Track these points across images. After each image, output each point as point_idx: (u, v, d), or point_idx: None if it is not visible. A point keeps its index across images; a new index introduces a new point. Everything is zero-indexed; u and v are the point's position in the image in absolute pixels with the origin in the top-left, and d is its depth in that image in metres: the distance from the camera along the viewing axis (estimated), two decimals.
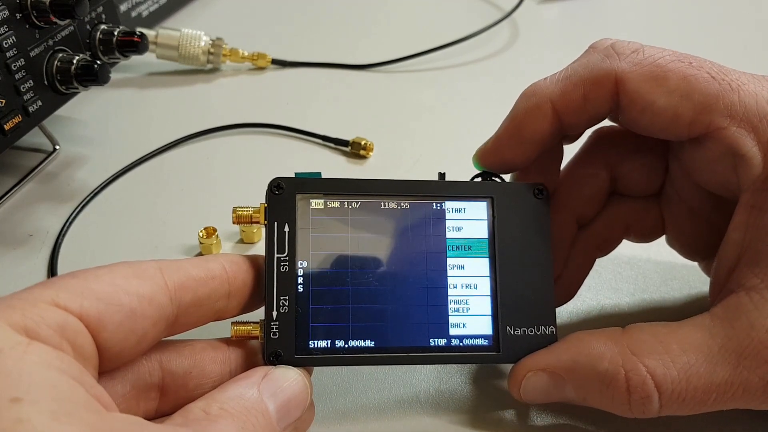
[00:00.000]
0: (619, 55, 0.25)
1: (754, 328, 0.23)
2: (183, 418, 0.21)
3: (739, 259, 0.24)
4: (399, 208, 0.27)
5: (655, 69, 0.25)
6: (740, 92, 0.24)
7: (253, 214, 0.26)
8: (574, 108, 0.26)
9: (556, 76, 0.27)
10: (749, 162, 0.24)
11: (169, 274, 0.23)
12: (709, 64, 0.25)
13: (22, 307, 0.19)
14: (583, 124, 0.27)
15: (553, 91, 0.26)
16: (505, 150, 0.28)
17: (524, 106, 0.27)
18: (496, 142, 0.28)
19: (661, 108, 0.24)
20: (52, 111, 0.39)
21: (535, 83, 0.27)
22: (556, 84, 0.26)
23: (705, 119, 0.24)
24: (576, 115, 0.26)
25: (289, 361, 0.25)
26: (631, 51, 0.25)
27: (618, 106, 0.26)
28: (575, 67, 0.26)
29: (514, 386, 0.26)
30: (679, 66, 0.24)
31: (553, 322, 0.27)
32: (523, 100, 0.27)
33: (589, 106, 0.26)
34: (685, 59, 0.25)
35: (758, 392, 0.23)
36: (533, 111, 0.27)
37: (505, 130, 0.28)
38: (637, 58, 0.25)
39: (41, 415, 0.16)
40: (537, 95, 0.27)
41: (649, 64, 0.25)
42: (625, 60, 0.25)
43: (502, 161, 0.28)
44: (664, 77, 0.24)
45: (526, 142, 0.27)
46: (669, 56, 0.25)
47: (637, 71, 0.25)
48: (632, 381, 0.23)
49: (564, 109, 0.26)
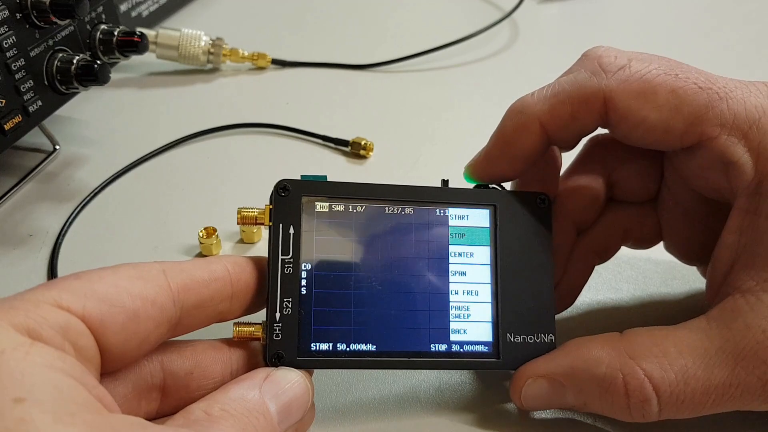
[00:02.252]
0: (606, 72, 0.25)
1: (750, 329, 0.23)
2: (184, 419, 0.21)
3: (734, 262, 0.24)
4: (403, 213, 0.27)
5: (643, 85, 0.25)
6: (728, 100, 0.24)
7: (258, 216, 0.26)
8: (562, 125, 0.26)
9: (544, 92, 0.27)
10: (741, 168, 0.24)
11: (172, 275, 0.23)
12: (695, 74, 0.25)
13: (25, 308, 0.19)
14: (572, 139, 0.28)
15: (540, 109, 0.26)
16: (495, 164, 0.28)
17: (512, 124, 0.27)
18: (486, 156, 0.28)
19: (652, 123, 0.25)
20: (52, 111, 0.39)
21: (522, 99, 0.27)
22: (544, 102, 0.26)
23: (696, 130, 0.24)
24: (564, 131, 0.27)
25: (291, 363, 0.25)
26: (618, 68, 0.25)
27: (608, 122, 0.26)
28: (562, 83, 0.26)
29: (515, 394, 0.26)
30: (666, 79, 0.25)
31: (553, 330, 0.27)
32: (511, 117, 0.27)
33: (578, 123, 0.26)
34: (671, 71, 0.25)
35: (757, 393, 0.23)
36: (521, 129, 0.27)
37: (494, 146, 0.28)
38: (624, 74, 0.25)
39: (44, 415, 0.16)
40: (524, 113, 0.27)
41: (636, 80, 0.25)
42: (613, 77, 0.25)
43: (492, 175, 0.28)
44: (652, 92, 0.24)
45: (516, 157, 0.27)
46: (655, 70, 0.25)
47: (625, 88, 0.25)
48: (630, 385, 0.23)
49: (552, 127, 0.26)
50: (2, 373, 0.17)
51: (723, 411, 0.23)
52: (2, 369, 0.17)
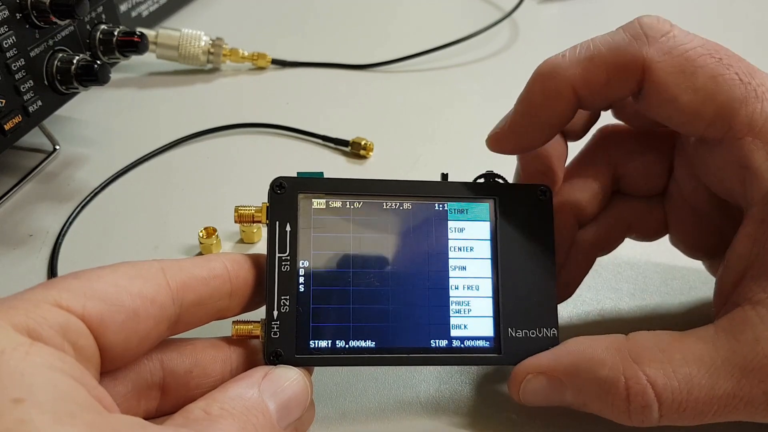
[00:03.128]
0: (648, 38, 0.24)
1: (759, 342, 0.22)
2: (184, 419, 0.21)
3: (745, 273, 0.24)
4: (401, 208, 0.27)
5: (685, 62, 0.24)
6: (764, 102, 0.23)
7: (254, 214, 0.26)
8: (595, 91, 0.25)
9: (577, 55, 0.25)
10: (760, 176, 0.23)
11: (171, 273, 0.23)
12: (738, 63, 0.24)
13: (25, 307, 0.19)
14: (601, 107, 0.27)
15: (573, 74, 0.25)
16: (521, 134, 0.26)
17: (541, 89, 0.25)
18: (512, 125, 0.26)
19: (684, 103, 0.24)
20: (52, 111, 0.39)
21: (552, 61, 0.25)
22: (578, 65, 0.25)
23: (725, 123, 0.24)
24: (596, 97, 0.25)
25: (290, 361, 0.24)
26: (661, 34, 0.24)
27: (640, 92, 0.25)
28: (599, 46, 0.25)
29: (514, 388, 0.26)
30: (709, 62, 0.23)
31: (555, 324, 0.26)
32: (540, 81, 0.25)
33: (611, 90, 0.25)
34: (716, 54, 0.24)
35: (761, 406, 0.22)
36: (552, 95, 0.25)
37: (521, 114, 0.26)
38: (668, 45, 0.24)
39: (43, 416, 0.16)
40: (556, 78, 0.25)
41: (679, 54, 0.24)
42: (655, 46, 0.24)
43: (517, 146, 0.27)
44: (692, 73, 0.23)
45: (544, 125, 0.26)
46: (700, 48, 0.24)
47: (667, 62, 0.24)
48: (632, 389, 0.23)
49: (585, 92, 0.25)
50: (2, 373, 0.17)
51: (724, 421, 0.23)
52: (2, 369, 0.17)
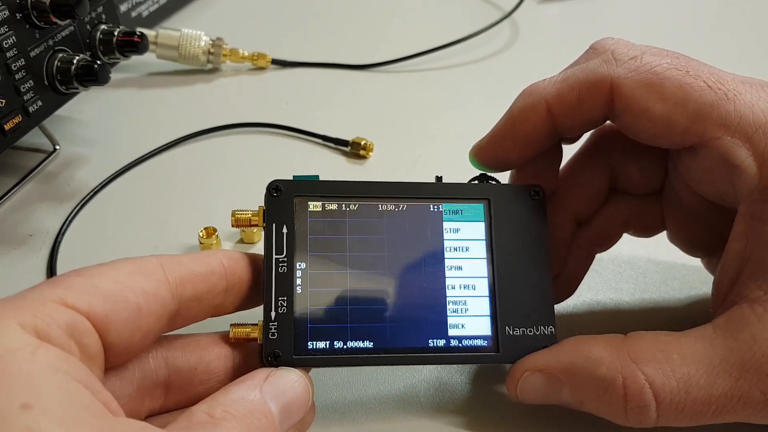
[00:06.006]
0: (617, 60, 0.25)
1: (756, 341, 0.22)
2: (187, 422, 0.21)
3: (741, 271, 0.24)
4: (396, 210, 0.27)
5: (651, 77, 0.25)
6: (736, 102, 0.24)
7: (251, 218, 0.26)
8: (569, 109, 0.26)
9: (555, 78, 0.27)
10: (744, 172, 0.23)
11: (170, 269, 0.23)
12: (707, 73, 0.24)
13: (32, 306, 0.19)
14: (577, 127, 0.27)
15: (549, 92, 0.26)
16: (500, 147, 0.28)
17: (520, 105, 0.27)
18: (492, 138, 0.28)
19: (656, 115, 0.24)
20: (52, 111, 0.39)
21: (534, 83, 0.27)
22: (553, 85, 0.27)
23: (699, 128, 0.24)
24: (570, 116, 0.27)
25: (288, 362, 0.25)
26: (629, 57, 0.25)
27: (613, 111, 0.26)
28: (573, 70, 0.27)
29: (511, 385, 0.26)
30: (675, 74, 0.24)
31: (552, 322, 0.27)
32: (521, 99, 0.27)
33: (584, 108, 0.26)
34: (682, 67, 0.25)
35: (759, 406, 0.22)
36: (528, 109, 0.27)
37: (501, 127, 0.28)
38: (635, 64, 0.25)
39: (51, 423, 0.16)
40: (533, 95, 0.27)
41: (645, 71, 0.25)
42: (623, 66, 0.25)
43: (496, 158, 0.28)
44: (659, 85, 0.24)
45: (521, 140, 0.27)
46: (666, 64, 0.25)
47: (633, 78, 0.25)
48: (630, 388, 0.23)
49: (558, 110, 0.26)
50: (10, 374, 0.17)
51: (722, 422, 0.23)
52: (10, 370, 0.17)
